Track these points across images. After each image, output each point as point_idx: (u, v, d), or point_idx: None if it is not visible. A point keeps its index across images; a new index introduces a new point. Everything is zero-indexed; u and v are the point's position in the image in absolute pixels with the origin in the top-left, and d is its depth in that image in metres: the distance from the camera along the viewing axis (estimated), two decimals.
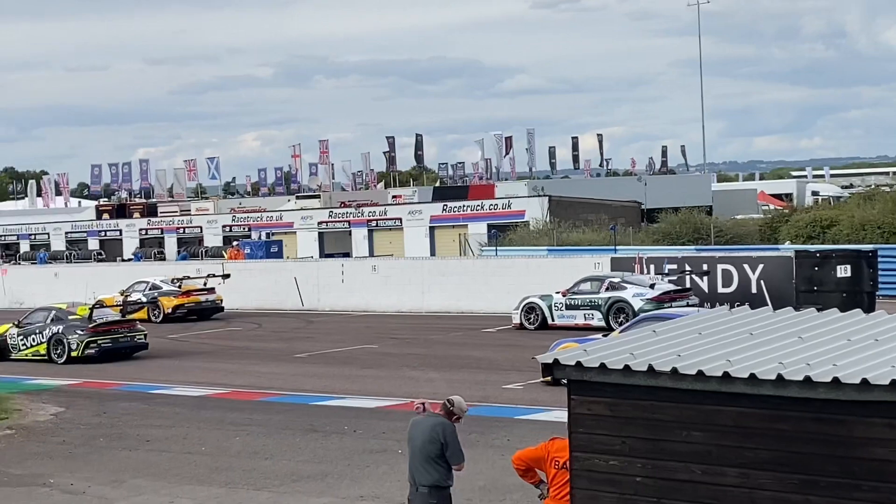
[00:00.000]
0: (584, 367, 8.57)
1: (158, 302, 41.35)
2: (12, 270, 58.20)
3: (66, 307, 31.84)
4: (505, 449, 16.17)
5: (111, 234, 74.39)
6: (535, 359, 9.38)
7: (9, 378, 27.67)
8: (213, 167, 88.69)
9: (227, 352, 32.32)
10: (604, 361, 8.48)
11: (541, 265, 40.02)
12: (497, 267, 41.65)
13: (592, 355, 8.67)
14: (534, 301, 33.74)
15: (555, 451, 10.05)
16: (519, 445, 12.74)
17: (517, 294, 34.67)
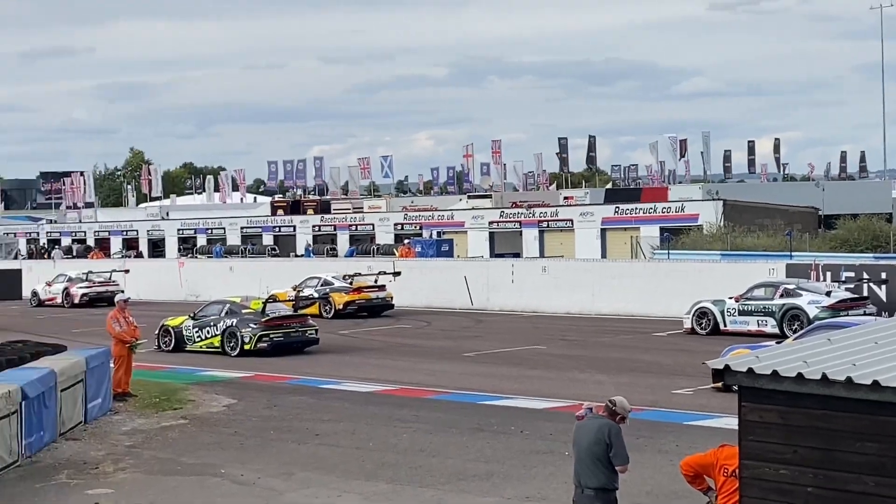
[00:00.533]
0: (756, 373, 8.40)
1: (330, 298, 41.86)
2: (189, 264, 59.63)
3: (240, 301, 32.42)
4: (673, 454, 15.95)
5: (285, 229, 75.61)
6: (706, 364, 9.23)
7: (184, 369, 28.31)
8: (387, 165, 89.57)
9: (397, 349, 32.55)
10: (776, 369, 8.29)
11: (713, 270, 39.43)
12: (669, 270, 41.19)
13: (764, 362, 8.48)
14: (706, 306, 33.24)
15: (724, 458, 9.87)
16: (687, 451, 12.54)
17: (689, 298, 34.18)
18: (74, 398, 19.61)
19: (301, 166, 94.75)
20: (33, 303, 54.04)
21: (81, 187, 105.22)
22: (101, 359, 21.43)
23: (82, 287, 52.98)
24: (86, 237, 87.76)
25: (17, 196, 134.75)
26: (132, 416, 21.31)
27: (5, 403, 16.17)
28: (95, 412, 20.65)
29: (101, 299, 51.45)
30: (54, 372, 18.58)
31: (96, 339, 31.62)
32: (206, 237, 78.70)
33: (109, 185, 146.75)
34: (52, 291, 54.04)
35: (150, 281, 55.04)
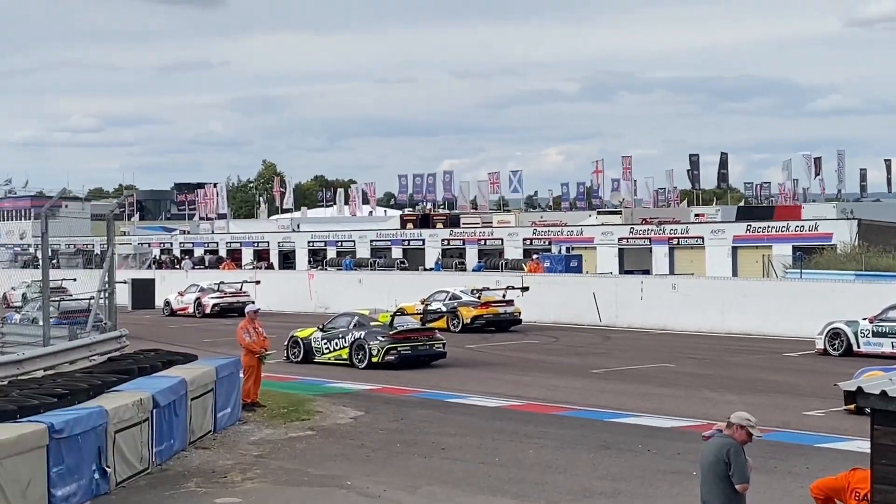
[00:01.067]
0: (890, 396, 8.18)
1: (458, 312, 41.95)
2: (319, 275, 60.21)
3: (369, 313, 32.59)
4: (804, 477, 15.60)
5: (414, 243, 75.94)
6: (839, 386, 9.02)
7: (312, 380, 28.53)
8: (516, 180, 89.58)
9: (524, 364, 32.44)
10: None
11: (847, 290, 38.64)
12: (801, 290, 40.49)
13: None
14: (839, 326, 32.57)
15: (856, 482, 9.62)
16: (818, 474, 12.23)
17: (821, 319, 33.54)
18: (204, 407, 19.85)
19: (431, 180, 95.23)
20: (166, 312, 55.03)
21: (214, 199, 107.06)
22: (230, 369, 21.68)
23: (214, 297, 53.82)
24: (218, 248, 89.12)
25: (151, 207, 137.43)
26: (260, 426, 21.52)
27: (137, 411, 16.42)
28: (224, 421, 20.88)
29: (231, 310, 52.22)
30: (185, 381, 18.83)
31: (226, 349, 32.06)
32: (335, 249, 79.36)
33: (242, 197, 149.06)
34: (185, 301, 55.00)
35: (280, 292, 55.73)
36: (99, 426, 15.21)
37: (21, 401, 15.67)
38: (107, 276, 26.43)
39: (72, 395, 16.60)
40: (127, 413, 16.11)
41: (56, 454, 14.04)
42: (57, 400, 16.10)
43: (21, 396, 16.09)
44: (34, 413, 15.00)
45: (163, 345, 31.25)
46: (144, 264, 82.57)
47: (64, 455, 14.23)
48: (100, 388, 17.52)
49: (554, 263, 55.82)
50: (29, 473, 13.49)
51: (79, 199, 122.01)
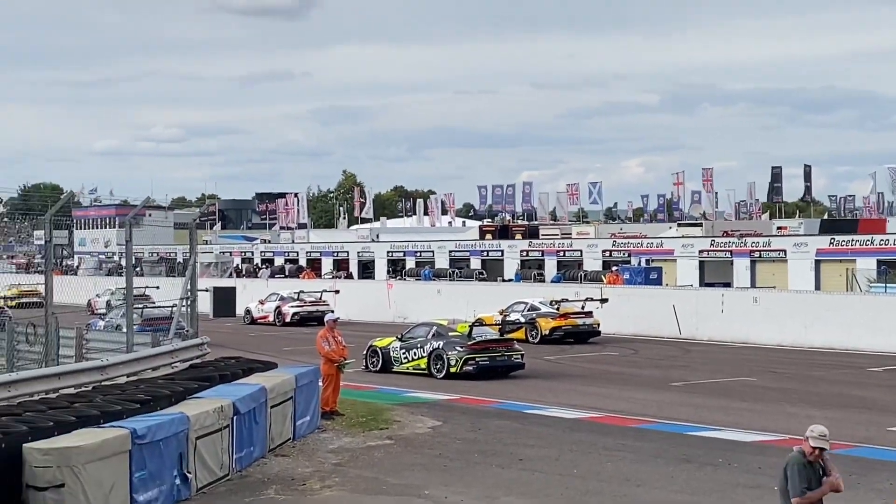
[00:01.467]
0: None
1: (536, 323, 41.86)
2: (398, 285, 60.35)
3: (447, 323, 32.60)
4: (887, 494, 15.40)
5: (493, 254, 75.88)
6: None
7: (390, 389, 28.59)
8: (596, 192, 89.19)
9: (602, 376, 32.28)
10: None
11: None
12: (886, 304, 39.97)
13: None
14: None
15: None
16: None
17: None
18: (284, 415, 19.95)
19: (510, 191, 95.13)
20: (246, 320, 55.45)
21: (295, 208, 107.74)
22: (310, 377, 21.78)
23: (294, 306, 54.16)
24: (298, 257, 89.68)
25: (233, 216, 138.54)
26: (339, 434, 21.58)
27: (218, 418, 16.54)
28: (304, 429, 20.97)
29: (311, 318, 52.50)
30: (265, 388, 18.94)
31: (306, 357, 32.23)
32: (414, 260, 79.54)
33: (322, 207, 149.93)
34: (265, 310, 55.40)
35: (359, 302, 55.94)
36: (180, 432, 15.34)
37: (104, 406, 15.86)
38: (189, 284, 26.67)
39: (154, 402, 16.76)
40: (208, 420, 16.23)
41: (138, 459, 14.18)
42: (139, 406, 16.27)
43: (104, 402, 16.27)
44: (117, 418, 15.16)
45: (243, 352, 31.54)
46: (226, 273, 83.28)
47: (146, 460, 14.37)
48: (181, 394, 17.68)
49: (633, 275, 55.54)
50: (111, 478, 13.63)
51: (162, 207, 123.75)
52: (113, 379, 20.29)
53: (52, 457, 13.07)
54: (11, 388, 17.44)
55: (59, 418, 14.69)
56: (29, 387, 17.89)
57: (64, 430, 14.14)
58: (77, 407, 15.72)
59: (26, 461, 13.06)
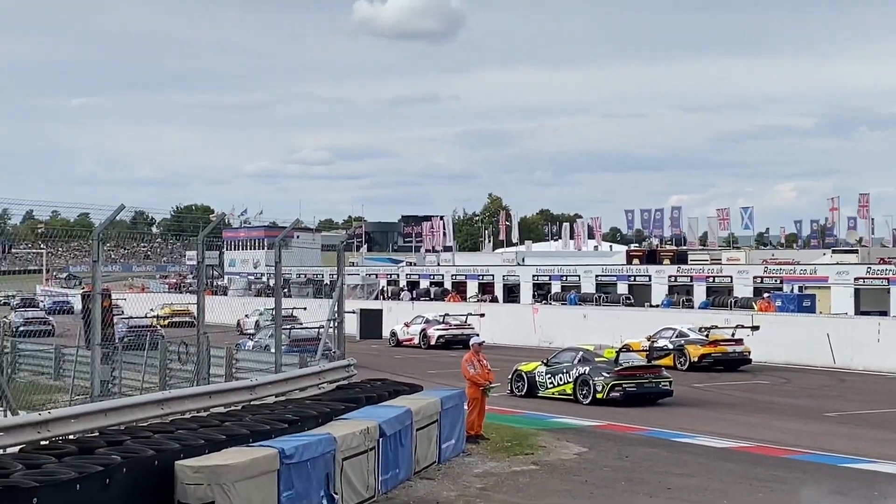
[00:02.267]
0: None
1: (685, 349, 41.31)
2: (543, 310, 60.12)
3: (593, 349, 32.30)
4: None
5: (640, 279, 75.18)
6: None
7: (535, 414, 28.39)
8: (747, 217, 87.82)
9: (752, 405, 31.65)
10: None
11: None
12: None
13: None
14: None
15: None
16: None
17: None
18: (429, 438, 19.90)
19: (658, 215, 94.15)
20: (391, 343, 55.73)
21: (440, 231, 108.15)
22: (455, 400, 21.70)
23: (439, 329, 54.28)
24: (443, 280, 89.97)
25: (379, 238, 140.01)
26: (484, 458, 21.46)
27: (364, 439, 16.55)
28: (449, 453, 20.90)
29: (456, 341, 52.58)
30: (410, 411, 18.91)
31: (451, 380, 32.22)
32: (560, 284, 79.20)
33: (467, 230, 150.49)
34: (410, 332, 55.64)
35: (504, 325, 55.83)
36: (327, 453, 15.37)
37: (253, 425, 15.98)
38: (336, 305, 26.88)
39: (302, 422, 16.86)
40: (354, 441, 16.24)
41: (286, 479, 14.23)
42: (288, 426, 16.38)
43: (253, 421, 16.41)
44: (265, 438, 15.26)
45: (389, 375, 31.65)
46: (372, 295, 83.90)
47: (294, 480, 14.41)
48: (328, 415, 17.76)
49: (786, 303, 54.49)
50: (260, 497, 13.69)
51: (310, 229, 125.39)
52: (262, 398, 20.50)
53: (203, 474, 13.18)
54: (164, 405, 17.71)
55: (210, 436, 14.84)
56: (181, 405, 18.16)
57: (214, 449, 14.28)
58: (227, 426, 15.88)
59: (178, 478, 13.20)
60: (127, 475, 12.67)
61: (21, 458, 12.80)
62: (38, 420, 14.96)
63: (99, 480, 12.15)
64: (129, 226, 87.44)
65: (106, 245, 29.03)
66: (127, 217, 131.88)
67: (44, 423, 14.92)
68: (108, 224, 19.13)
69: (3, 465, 12.05)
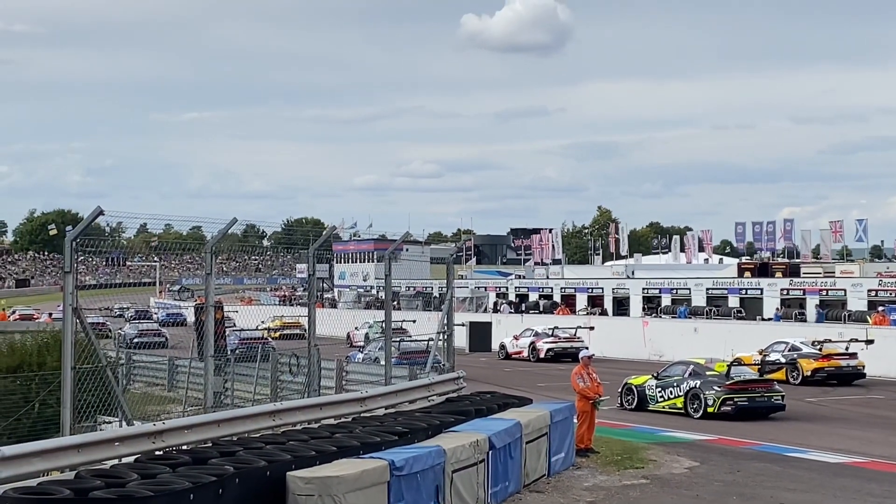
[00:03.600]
0: None
1: (797, 363, 40.78)
2: (653, 323, 59.73)
3: (704, 362, 32.04)
4: None
5: (752, 292, 74.34)
6: None
7: (645, 428, 28.22)
8: (861, 229, 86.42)
9: (867, 420, 31.14)
10: None
11: None
12: None
13: None
14: None
15: None
16: None
17: None
18: (538, 451, 19.88)
19: (770, 228, 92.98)
20: (501, 355, 55.74)
21: (549, 244, 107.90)
22: (565, 413, 21.66)
23: (548, 342, 54.16)
24: (552, 293, 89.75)
25: (488, 251, 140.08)
26: (594, 472, 21.38)
27: (474, 452, 16.58)
28: (558, 466, 20.86)
29: (565, 355, 52.44)
30: (520, 424, 18.91)
31: (560, 393, 32.15)
32: (670, 297, 78.62)
33: (577, 243, 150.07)
34: (519, 345, 55.59)
35: (613, 338, 55.59)
36: (437, 465, 15.42)
37: (363, 437, 16.09)
38: (445, 318, 26.97)
39: (411, 434, 16.93)
40: (464, 453, 16.28)
41: (396, 490, 14.30)
42: (397, 438, 16.46)
43: (363, 433, 16.52)
44: (375, 450, 15.35)
45: (498, 387, 31.67)
46: (481, 308, 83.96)
47: (404, 492, 14.48)
48: (438, 427, 17.82)
49: None
50: None
51: (419, 242, 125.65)
52: (371, 410, 20.62)
53: (314, 485, 13.30)
54: (276, 417, 17.90)
55: (321, 448, 14.96)
56: (292, 416, 18.33)
57: (325, 460, 14.40)
58: (337, 437, 16.00)
59: (289, 489, 13.34)
60: (239, 485, 12.83)
61: (136, 467, 13.03)
62: (153, 430, 15.21)
63: (212, 490, 12.32)
64: (240, 239, 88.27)
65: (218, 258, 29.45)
66: (238, 230, 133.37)
67: (158, 434, 15.16)
68: (221, 237, 19.42)
69: (119, 475, 12.29)
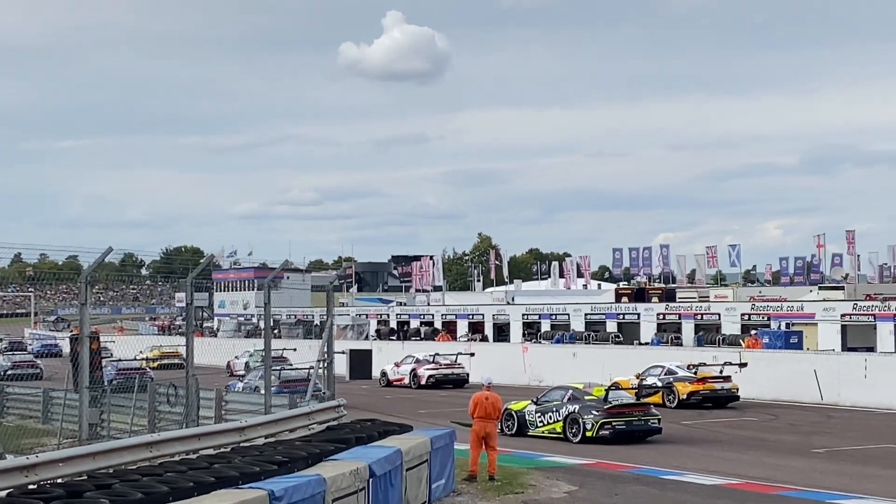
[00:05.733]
0: None
1: (673, 387, 41.37)
2: (533, 348, 60.14)
3: (583, 387, 32.36)
4: None
5: (629, 317, 75.29)
6: None
7: (525, 453, 28.40)
8: (734, 254, 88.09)
9: (741, 441, 31.69)
10: None
11: None
12: None
13: None
14: None
15: None
16: None
17: None
18: (419, 478, 19.91)
19: (646, 253, 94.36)
20: (382, 383, 55.72)
21: (430, 271, 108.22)
22: (445, 440, 21.72)
23: (429, 369, 54.25)
24: (433, 320, 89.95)
25: (369, 278, 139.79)
26: (474, 498, 21.47)
27: (354, 480, 16.56)
28: (439, 492, 20.91)
29: (446, 381, 52.65)
30: (400, 451, 18.93)
31: (441, 420, 32.23)
32: (549, 322, 79.28)
33: (457, 270, 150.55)
34: (401, 372, 55.60)
35: (494, 364, 55.70)
36: (317, 494, 15.38)
37: (242, 467, 16.00)
38: (326, 346, 26.93)
39: (291, 463, 16.87)
40: (344, 482, 16.25)
41: None
42: (277, 467, 16.38)
43: (243, 463, 16.42)
44: (255, 479, 15.27)
45: (379, 415, 31.61)
46: (362, 335, 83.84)
47: None
48: (318, 456, 17.77)
49: (773, 339, 54.60)
50: None
51: (300, 270, 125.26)
52: (251, 440, 20.51)
53: None
54: (153, 448, 17.72)
55: (199, 479, 14.84)
56: (170, 447, 18.16)
57: (203, 491, 14.28)
58: (216, 468, 15.89)
59: None
60: None
61: (8, 502, 12.81)
62: (26, 464, 14.95)
63: None
64: (117, 268, 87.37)
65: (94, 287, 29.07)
66: (116, 259, 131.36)
67: (31, 467, 14.91)
68: (97, 266, 19.21)
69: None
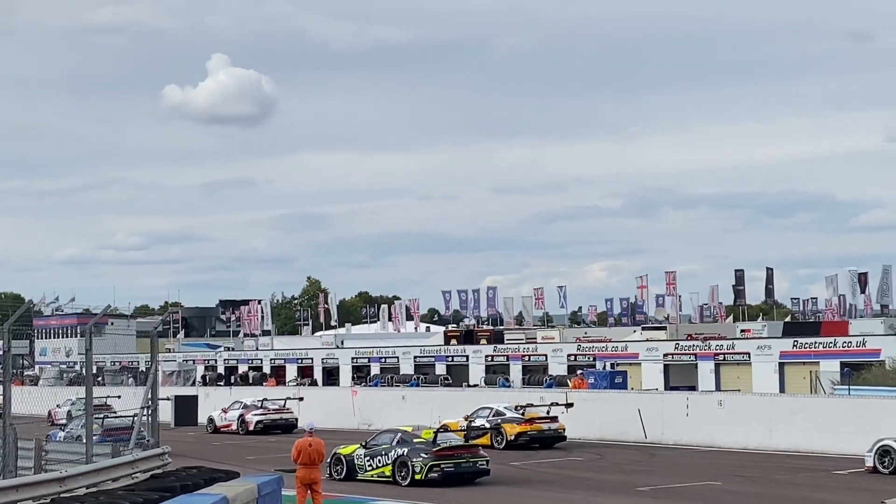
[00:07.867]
0: None
1: (501, 428, 41.65)
2: (362, 392, 60.03)
3: (412, 430, 32.40)
4: None
5: (458, 359, 75.75)
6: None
7: (354, 498, 28.31)
8: (561, 296, 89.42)
9: (568, 481, 32.08)
10: None
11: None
12: (850, 407, 39.95)
13: None
14: (889, 444, 31.93)
15: None
16: None
17: (871, 436, 32.99)
18: None
19: (475, 296, 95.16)
20: (209, 429, 54.93)
21: (259, 315, 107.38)
22: (272, 486, 21.52)
23: (257, 414, 53.71)
24: (262, 365, 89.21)
25: (196, 323, 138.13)
26: None
27: None
28: None
29: (275, 426, 52.17)
30: (227, 498, 18.68)
31: (269, 465, 31.93)
32: (379, 366, 79.30)
33: (286, 314, 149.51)
34: (228, 418, 54.89)
35: (323, 409, 55.49)
36: None
37: None
38: (150, 392, 26.53)
39: None
40: None
41: None
42: None
43: None
44: None
45: (205, 462, 31.15)
46: (189, 381, 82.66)
47: None
48: None
49: (598, 380, 55.39)
50: None
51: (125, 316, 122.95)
52: (72, 490, 20.06)
53: None
54: None
55: None
56: None
57: None
58: None
59: None
60: None
61: None
62: None
63: None
64: None
65: None
66: None
67: None
68: None
69: None
